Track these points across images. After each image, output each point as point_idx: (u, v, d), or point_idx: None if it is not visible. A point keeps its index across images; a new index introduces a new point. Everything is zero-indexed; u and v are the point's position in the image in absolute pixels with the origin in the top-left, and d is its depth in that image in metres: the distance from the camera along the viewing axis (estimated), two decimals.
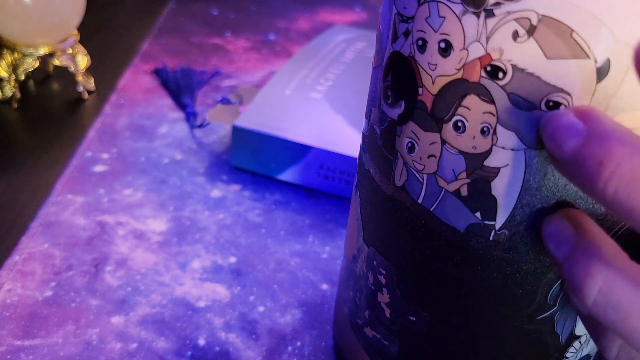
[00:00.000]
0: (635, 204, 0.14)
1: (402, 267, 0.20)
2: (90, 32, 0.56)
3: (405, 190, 0.19)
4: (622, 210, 0.14)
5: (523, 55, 0.15)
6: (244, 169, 0.40)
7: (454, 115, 0.17)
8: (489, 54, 0.15)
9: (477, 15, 0.15)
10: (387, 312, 0.22)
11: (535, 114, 0.15)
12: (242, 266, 0.33)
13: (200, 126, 0.44)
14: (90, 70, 0.49)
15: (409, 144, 0.18)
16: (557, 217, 0.16)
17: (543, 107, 0.15)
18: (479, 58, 0.15)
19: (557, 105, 0.15)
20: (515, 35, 0.15)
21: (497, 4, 0.15)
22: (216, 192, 0.38)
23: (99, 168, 0.40)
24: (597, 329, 0.17)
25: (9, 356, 0.27)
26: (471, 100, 0.16)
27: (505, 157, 0.16)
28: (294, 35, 0.61)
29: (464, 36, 0.15)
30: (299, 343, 0.29)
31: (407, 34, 0.17)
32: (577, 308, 0.16)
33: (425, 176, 0.18)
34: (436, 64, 0.16)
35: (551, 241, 0.16)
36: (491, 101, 0.16)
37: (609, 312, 0.15)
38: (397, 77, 0.18)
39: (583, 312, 0.16)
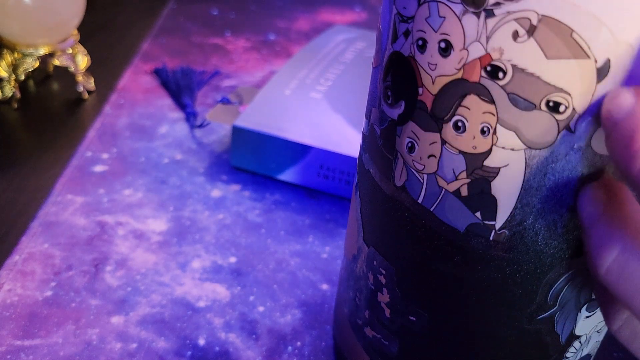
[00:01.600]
0: None
1: (402, 267, 0.20)
2: (90, 32, 0.56)
3: (405, 190, 0.19)
4: None
5: (523, 55, 0.15)
6: (244, 169, 0.40)
7: (454, 115, 0.17)
8: (489, 54, 0.15)
9: (477, 15, 0.15)
10: (387, 312, 0.22)
11: (535, 114, 0.15)
12: (242, 266, 0.33)
13: (200, 126, 0.44)
14: (90, 70, 0.49)
15: (409, 144, 0.18)
16: (595, 184, 0.16)
17: (543, 107, 0.15)
18: (479, 58, 0.15)
19: (557, 105, 0.15)
20: (515, 35, 0.15)
21: (497, 4, 0.15)
22: (216, 192, 0.38)
23: (99, 168, 0.40)
24: (605, 298, 0.17)
25: (9, 356, 0.27)
26: (471, 100, 0.16)
27: (505, 157, 0.16)
28: (294, 35, 0.61)
29: (464, 36, 0.15)
30: (299, 343, 0.29)
31: (407, 34, 0.17)
32: (592, 274, 0.16)
33: (425, 176, 0.18)
34: (436, 64, 0.16)
35: (583, 206, 0.16)
36: (491, 101, 0.16)
37: (621, 283, 0.15)
38: (397, 77, 0.18)
39: (596, 279, 0.16)
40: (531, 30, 0.14)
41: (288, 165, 0.39)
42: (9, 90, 0.45)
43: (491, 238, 0.18)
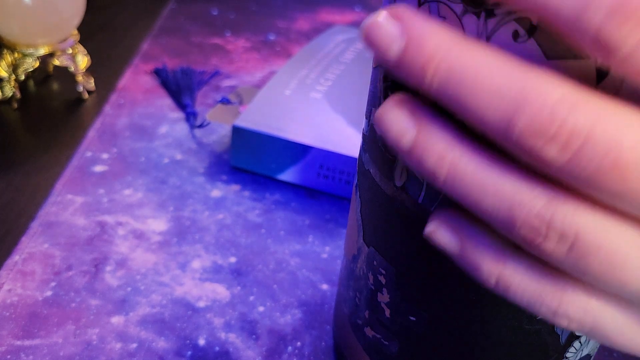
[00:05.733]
0: (455, 93, 0.14)
1: (402, 267, 0.20)
2: (90, 32, 0.56)
3: (405, 191, 0.19)
4: (450, 104, 0.14)
5: (523, 55, 0.15)
6: (244, 169, 0.40)
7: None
8: None
9: (478, 15, 0.15)
10: (387, 312, 0.22)
11: None
12: (242, 266, 0.33)
13: (200, 126, 0.45)
14: (90, 70, 0.49)
15: None
16: (390, 105, 0.16)
17: None
18: None
19: None
20: (516, 35, 0.15)
21: (498, 4, 0.15)
22: (216, 192, 0.38)
23: (99, 168, 0.40)
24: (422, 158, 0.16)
25: (9, 356, 0.27)
26: None
27: None
28: (294, 35, 0.61)
29: None
30: (299, 343, 0.29)
31: None
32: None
33: None
34: None
35: (391, 132, 0.15)
36: None
37: (460, 191, 0.15)
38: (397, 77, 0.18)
39: (440, 189, 0.15)
40: (531, 31, 0.14)
41: (288, 165, 0.39)
42: (9, 90, 0.45)
43: None
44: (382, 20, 0.14)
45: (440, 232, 0.17)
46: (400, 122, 0.15)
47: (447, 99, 0.14)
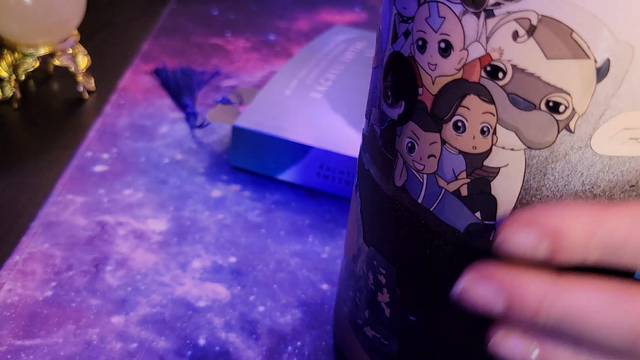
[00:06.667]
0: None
1: (402, 267, 0.20)
2: (90, 32, 0.56)
3: (405, 190, 0.19)
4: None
5: (523, 55, 0.15)
6: (244, 169, 0.40)
7: (454, 115, 0.17)
8: (489, 54, 0.15)
9: (477, 15, 0.15)
10: (387, 312, 0.22)
11: (535, 114, 0.15)
12: (242, 266, 0.33)
13: (201, 126, 0.45)
14: (90, 71, 0.49)
15: (409, 144, 0.18)
16: (477, 277, 0.17)
17: (543, 107, 0.15)
18: (479, 58, 0.15)
19: (557, 105, 0.15)
20: (515, 35, 0.15)
21: (497, 4, 0.15)
22: (216, 192, 0.38)
23: (99, 168, 0.40)
24: None
25: (9, 356, 0.27)
26: (471, 100, 0.16)
27: (505, 157, 0.16)
28: (294, 35, 0.61)
29: (464, 36, 0.15)
30: (299, 343, 0.29)
31: (407, 34, 0.17)
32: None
33: (425, 176, 0.18)
34: (436, 64, 0.16)
35: (483, 303, 0.17)
36: (491, 101, 0.16)
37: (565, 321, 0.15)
38: (397, 77, 0.18)
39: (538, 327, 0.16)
40: (531, 31, 0.14)
41: (288, 165, 0.39)
42: (9, 90, 0.45)
43: (491, 238, 0.18)
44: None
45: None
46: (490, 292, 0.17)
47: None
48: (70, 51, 0.46)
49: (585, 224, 0.15)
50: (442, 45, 0.16)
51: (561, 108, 0.15)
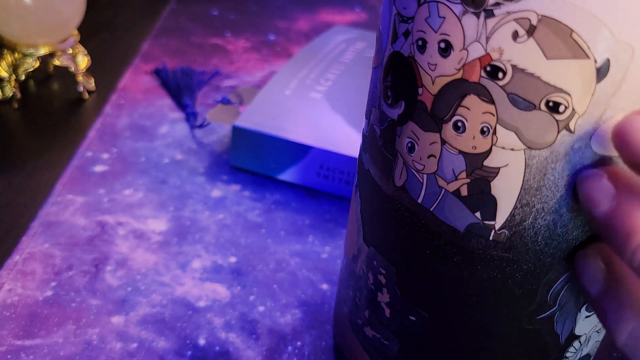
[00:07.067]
0: None
1: (402, 267, 0.20)
2: (90, 32, 0.56)
3: (405, 190, 0.19)
4: None
5: (523, 55, 0.15)
6: (244, 169, 0.40)
7: (453, 115, 0.17)
8: (488, 54, 0.15)
9: (477, 15, 0.15)
10: (387, 312, 0.22)
11: (535, 114, 0.15)
12: (242, 266, 0.33)
13: (201, 126, 0.45)
14: (90, 71, 0.49)
15: (409, 144, 0.18)
16: (594, 173, 0.16)
17: (543, 107, 0.15)
18: (479, 58, 0.15)
19: (556, 105, 0.15)
20: (515, 35, 0.15)
21: (497, 4, 0.15)
22: (216, 192, 0.38)
23: (99, 168, 0.40)
24: (609, 310, 0.17)
25: (9, 356, 0.27)
26: (471, 100, 0.16)
27: (505, 157, 0.16)
28: (294, 35, 0.61)
29: (464, 36, 0.15)
30: (299, 343, 0.29)
31: (407, 34, 0.17)
32: (625, 261, 0.16)
33: (425, 176, 0.18)
34: (436, 64, 0.16)
35: (592, 199, 0.16)
36: (491, 101, 0.16)
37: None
38: (397, 77, 0.18)
39: (632, 265, 0.16)
40: (531, 31, 0.14)
41: (288, 165, 0.39)
42: (9, 90, 0.45)
43: (491, 238, 0.18)
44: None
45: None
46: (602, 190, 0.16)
47: None
48: (70, 51, 0.46)
49: None
50: (442, 45, 0.16)
51: (561, 108, 0.15)
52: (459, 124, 0.16)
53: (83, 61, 0.48)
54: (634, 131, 0.15)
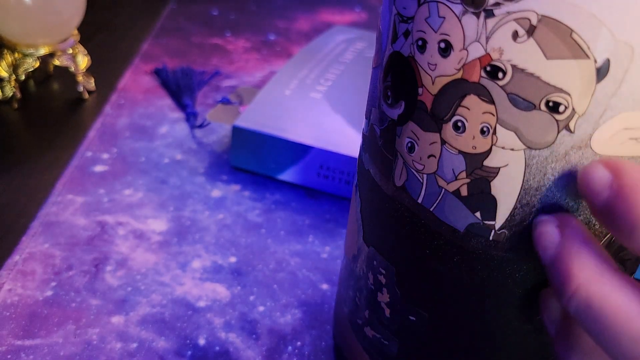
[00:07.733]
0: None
1: (402, 267, 0.20)
2: (90, 32, 0.56)
3: (405, 190, 0.19)
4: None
5: (523, 55, 0.15)
6: (244, 169, 0.40)
7: (453, 115, 0.17)
8: (488, 54, 0.15)
9: (477, 15, 0.15)
10: (387, 312, 0.22)
11: (535, 114, 0.15)
12: (242, 266, 0.33)
13: (201, 126, 0.45)
14: (90, 71, 0.49)
15: (409, 144, 0.18)
16: (545, 220, 0.17)
17: (543, 107, 0.15)
18: (479, 58, 0.15)
19: (556, 105, 0.15)
20: (515, 35, 0.15)
21: (497, 4, 0.15)
22: (216, 192, 0.38)
23: (99, 168, 0.40)
24: (559, 351, 0.18)
25: (9, 356, 0.27)
26: (471, 100, 0.16)
27: (505, 157, 0.16)
28: (294, 35, 0.61)
29: (464, 36, 0.15)
30: (299, 343, 0.29)
31: (407, 34, 0.17)
32: (563, 307, 0.16)
33: (425, 176, 0.18)
34: (436, 64, 0.16)
35: (539, 244, 0.17)
36: (491, 101, 0.16)
37: (588, 314, 0.15)
38: (397, 77, 0.18)
39: (568, 312, 0.16)
40: (531, 31, 0.14)
41: (288, 165, 0.39)
42: (9, 90, 0.45)
43: (491, 238, 0.18)
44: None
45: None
46: (548, 236, 0.17)
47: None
48: (70, 51, 0.46)
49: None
50: (442, 45, 0.16)
51: (561, 108, 0.15)
52: (459, 124, 0.16)
53: (83, 61, 0.48)
54: (590, 180, 0.15)
